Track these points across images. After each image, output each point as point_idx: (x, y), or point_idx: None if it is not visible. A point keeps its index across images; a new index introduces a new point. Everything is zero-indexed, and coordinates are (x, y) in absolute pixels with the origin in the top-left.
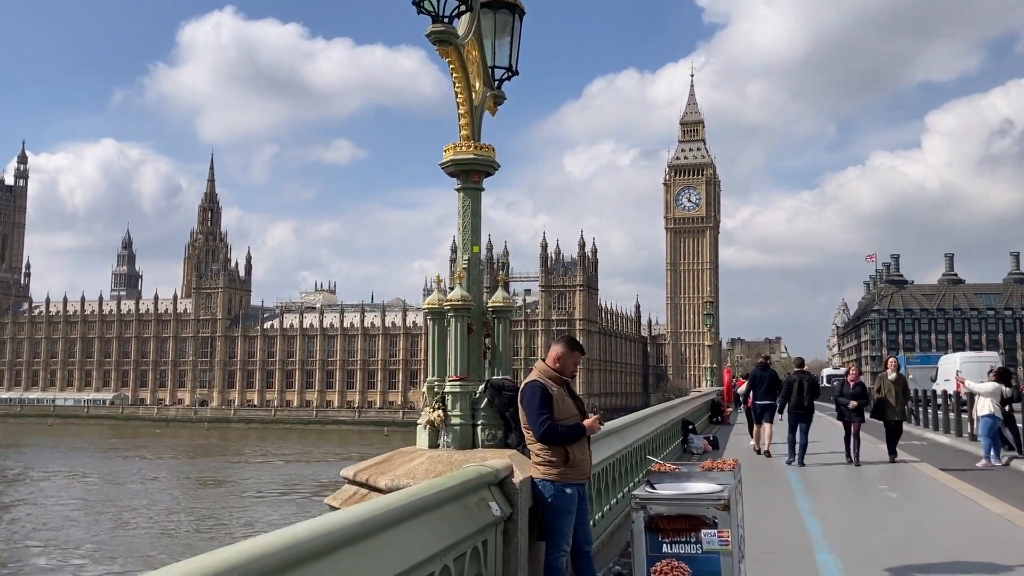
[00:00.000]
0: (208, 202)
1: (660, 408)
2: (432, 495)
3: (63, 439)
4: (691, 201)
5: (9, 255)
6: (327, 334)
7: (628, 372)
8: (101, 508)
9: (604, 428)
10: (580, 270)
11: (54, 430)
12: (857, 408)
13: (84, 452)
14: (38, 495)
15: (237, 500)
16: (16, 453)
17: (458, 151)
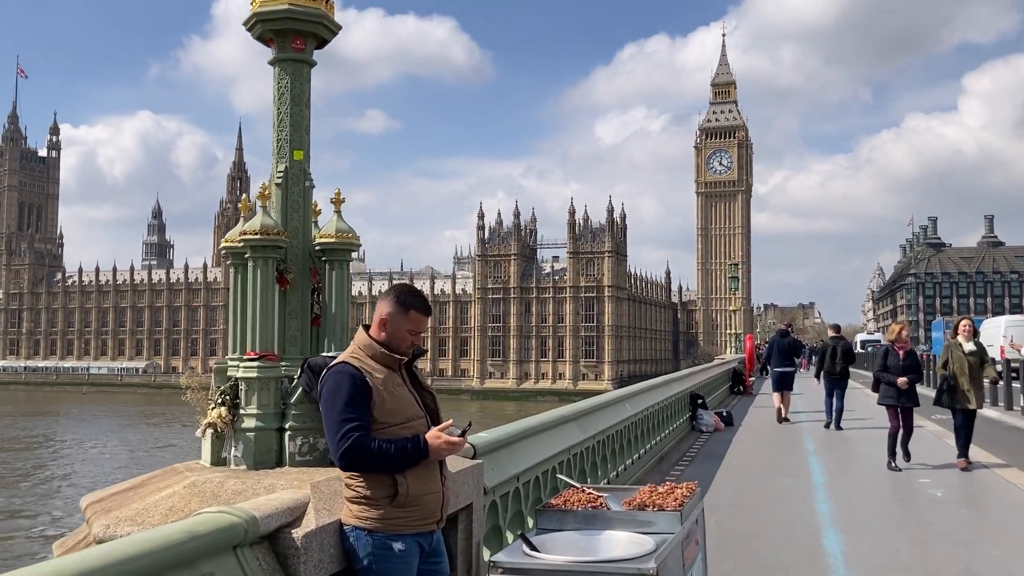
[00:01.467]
0: (237, 171)
1: (655, 383)
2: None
3: (100, 407)
4: (722, 164)
5: (43, 226)
6: (356, 302)
7: (658, 339)
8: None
9: (561, 412)
10: (608, 236)
11: (88, 398)
12: (910, 388)
13: (119, 421)
14: (76, 461)
15: None
16: (53, 421)
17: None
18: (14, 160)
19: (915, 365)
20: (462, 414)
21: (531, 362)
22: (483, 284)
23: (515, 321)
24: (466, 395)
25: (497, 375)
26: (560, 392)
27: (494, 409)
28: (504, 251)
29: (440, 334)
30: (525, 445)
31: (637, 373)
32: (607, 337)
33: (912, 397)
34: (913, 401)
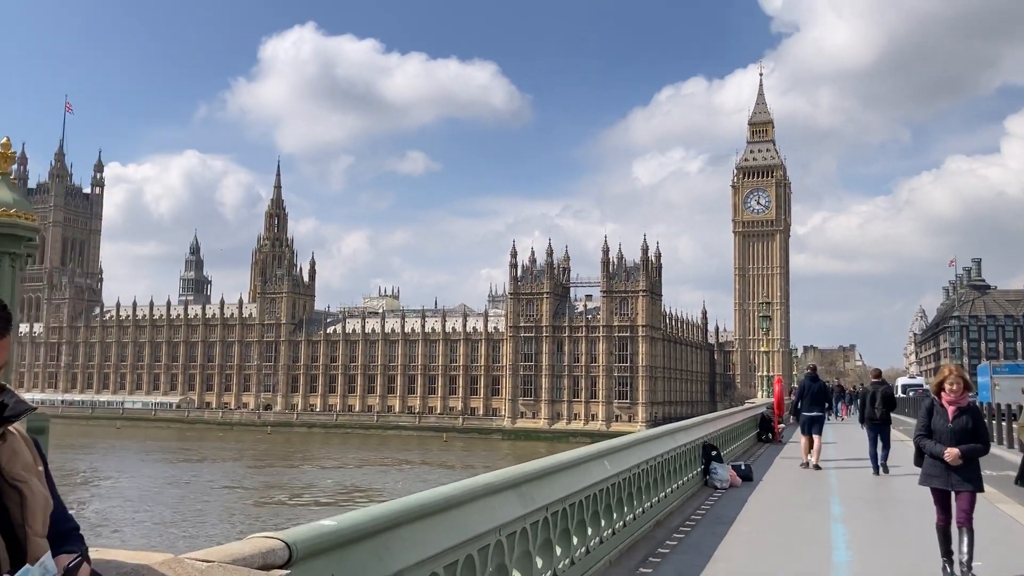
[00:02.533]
0: (275, 208)
1: (654, 433)
2: None
3: (130, 441)
4: (760, 204)
5: (85, 261)
6: (388, 339)
7: (694, 380)
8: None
9: (494, 478)
10: (643, 274)
11: (121, 432)
12: (970, 463)
13: (143, 456)
14: (107, 494)
15: (289, 510)
16: (87, 455)
17: None
18: (59, 196)
19: (976, 428)
20: (494, 454)
21: (563, 402)
22: (515, 322)
23: (547, 360)
24: (497, 435)
25: (529, 415)
26: (593, 433)
27: (525, 450)
28: (537, 289)
29: (472, 372)
30: (417, 530)
31: (672, 415)
32: (641, 378)
33: (971, 476)
34: (973, 483)
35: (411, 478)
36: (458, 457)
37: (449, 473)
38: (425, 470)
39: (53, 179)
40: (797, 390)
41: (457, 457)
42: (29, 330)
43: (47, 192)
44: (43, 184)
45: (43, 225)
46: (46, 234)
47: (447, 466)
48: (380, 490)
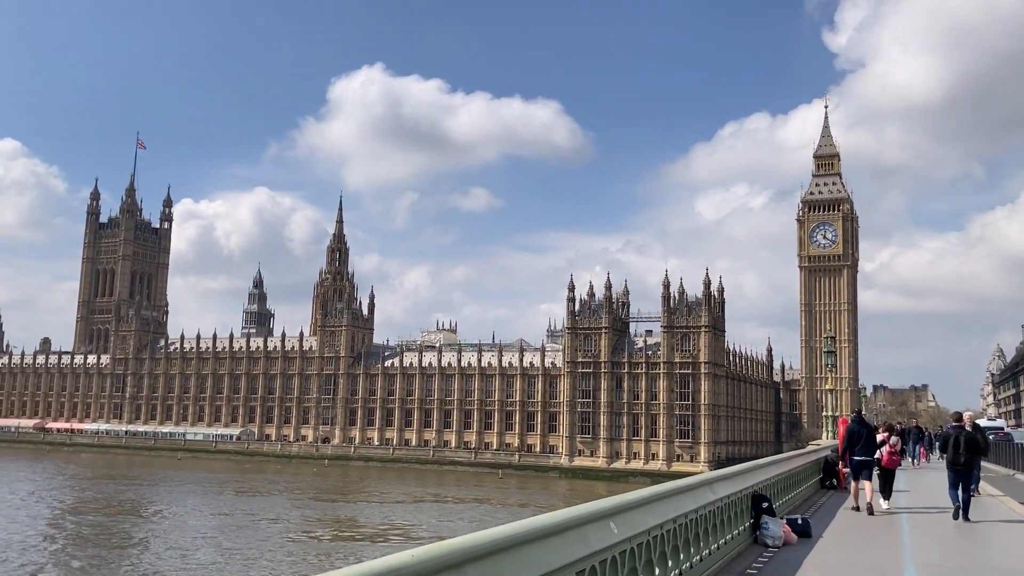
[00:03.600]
0: (337, 243)
1: (684, 485)
2: None
3: (190, 473)
4: (826, 238)
5: (153, 294)
6: (445, 373)
7: (759, 419)
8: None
9: (433, 552)
10: (705, 310)
11: (182, 463)
12: None
13: (201, 488)
14: (167, 531)
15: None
16: (140, 486)
17: None
18: (129, 231)
19: None
20: (550, 494)
21: (622, 440)
22: (573, 357)
23: (606, 397)
24: (554, 473)
25: (587, 453)
26: (653, 473)
27: (583, 489)
28: (595, 324)
29: (529, 408)
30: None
31: (736, 455)
32: (703, 416)
33: None
34: None
35: (468, 516)
36: (515, 495)
37: (506, 512)
38: (484, 510)
39: (123, 214)
40: (845, 434)
41: (514, 495)
42: (97, 361)
43: (118, 227)
44: (114, 219)
45: (113, 259)
46: (116, 267)
47: (504, 504)
48: (433, 528)
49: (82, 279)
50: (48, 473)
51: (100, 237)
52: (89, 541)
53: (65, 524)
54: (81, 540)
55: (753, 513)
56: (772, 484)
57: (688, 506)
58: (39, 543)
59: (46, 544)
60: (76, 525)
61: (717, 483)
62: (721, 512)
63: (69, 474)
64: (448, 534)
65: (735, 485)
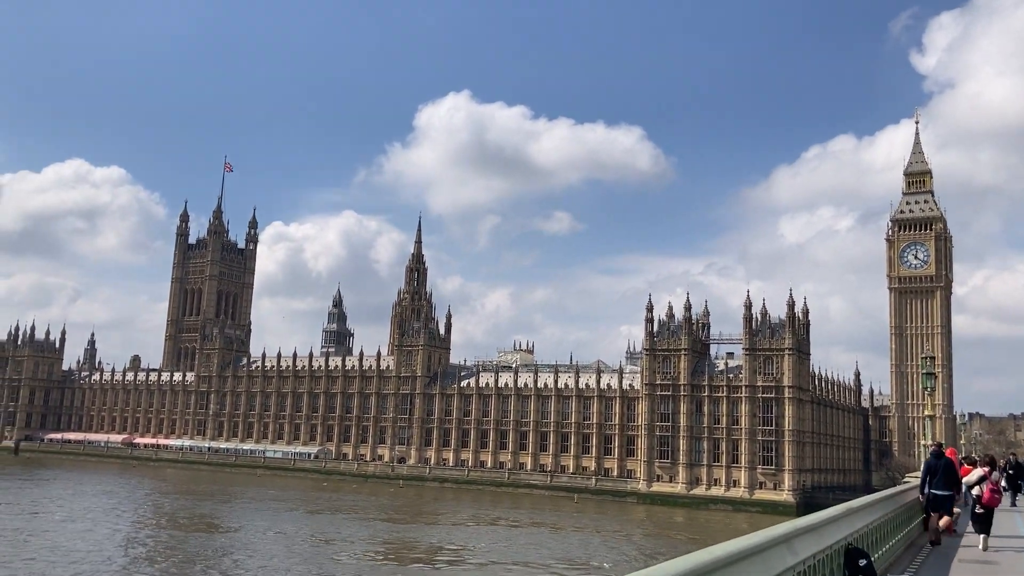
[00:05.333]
0: (415, 263)
1: (741, 549)
2: None
3: (269, 490)
4: (918, 259)
5: (238, 313)
6: (521, 394)
7: (847, 447)
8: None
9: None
10: (789, 332)
11: (261, 480)
12: None
13: (290, 508)
14: (239, 548)
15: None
16: (218, 503)
17: None
18: (216, 251)
19: None
20: (628, 519)
21: (703, 466)
22: (651, 380)
23: (685, 421)
24: (632, 498)
25: (666, 478)
26: (735, 501)
27: (661, 516)
28: (674, 345)
29: (606, 431)
30: None
31: (822, 484)
32: (787, 443)
33: None
34: None
35: (556, 543)
36: (593, 521)
37: (590, 541)
38: (563, 537)
39: (211, 235)
40: (923, 468)
41: (592, 521)
42: (182, 378)
43: (205, 247)
44: (202, 240)
45: (200, 279)
46: (203, 287)
47: (581, 529)
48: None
49: (171, 299)
50: (131, 487)
51: (188, 258)
52: (164, 555)
53: (142, 538)
54: (156, 554)
55: (847, 572)
56: (870, 532)
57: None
58: (116, 556)
59: (121, 557)
60: (154, 539)
61: (798, 538)
62: (808, 572)
63: (152, 488)
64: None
65: (822, 539)
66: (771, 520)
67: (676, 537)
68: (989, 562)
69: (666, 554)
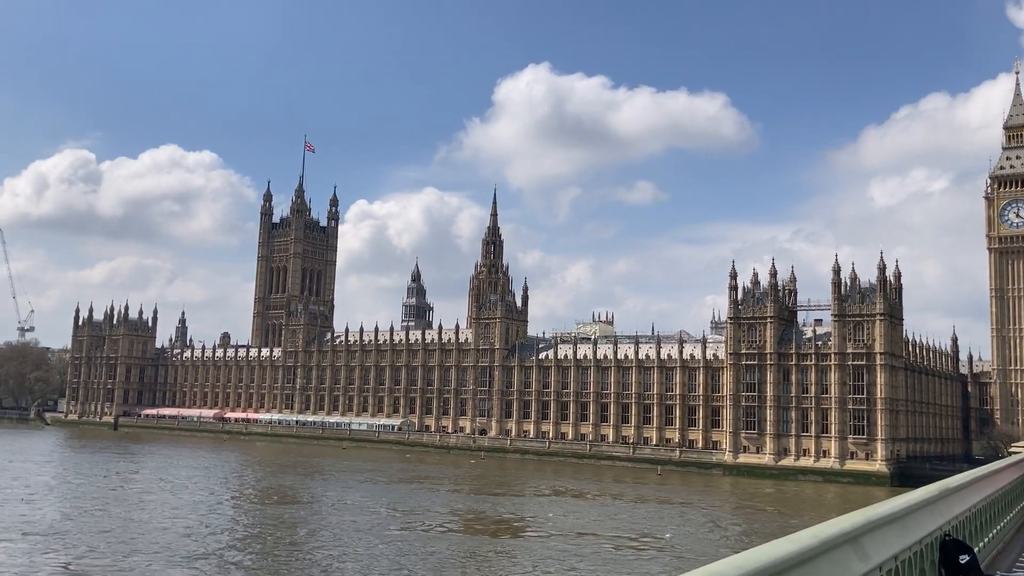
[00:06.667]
0: (491, 236)
1: (801, 549)
2: None
3: (356, 462)
4: (1020, 216)
5: (322, 289)
6: (600, 366)
7: (944, 415)
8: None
9: None
10: (880, 297)
11: (348, 453)
12: None
13: (373, 480)
14: (324, 521)
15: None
16: (302, 478)
17: None
18: (299, 230)
19: None
20: (713, 492)
21: (791, 436)
22: (736, 349)
23: (772, 390)
24: (717, 470)
25: (752, 449)
26: (825, 472)
27: (748, 488)
28: (759, 313)
29: (690, 402)
30: None
31: (919, 453)
32: (880, 411)
33: None
34: None
35: (648, 517)
36: (675, 494)
37: (679, 513)
38: (653, 509)
39: (294, 214)
40: None
41: (674, 494)
42: (270, 354)
43: (289, 226)
44: (285, 219)
45: (284, 257)
46: (287, 265)
47: (664, 502)
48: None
49: (258, 277)
50: (222, 460)
51: (273, 237)
52: (243, 525)
53: (224, 509)
54: (236, 525)
55: (944, 569)
56: (972, 517)
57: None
58: (195, 526)
59: (212, 532)
60: (235, 510)
61: (871, 533)
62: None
63: (242, 461)
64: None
65: (908, 532)
66: (863, 491)
67: (764, 509)
68: None
69: (742, 528)
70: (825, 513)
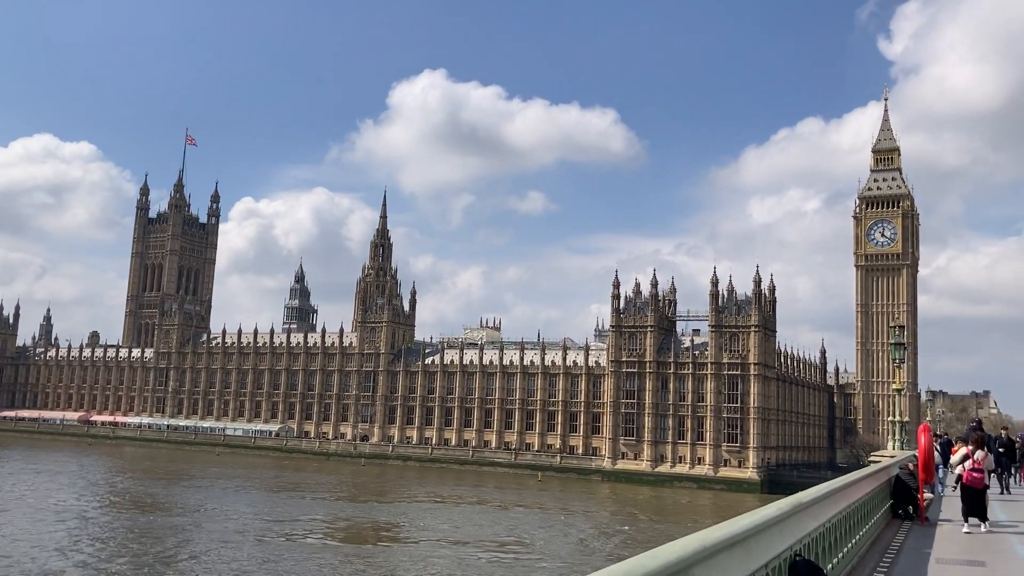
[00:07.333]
0: (380, 238)
1: None
2: None
3: (228, 469)
4: (885, 236)
5: (200, 289)
6: (486, 371)
7: (811, 424)
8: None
9: None
10: (755, 309)
11: (221, 459)
12: None
13: (248, 487)
14: (195, 529)
15: None
16: (168, 485)
17: None
18: (177, 226)
19: None
20: (592, 498)
21: (667, 443)
22: (617, 356)
23: (650, 398)
24: (597, 476)
25: (630, 456)
26: (699, 478)
27: (625, 494)
28: (640, 322)
29: (572, 408)
30: None
31: (787, 461)
32: (752, 420)
33: None
34: None
35: (524, 524)
36: (554, 500)
37: (550, 518)
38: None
39: (171, 209)
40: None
41: (553, 500)
42: (141, 355)
43: (166, 222)
44: (163, 214)
45: (160, 254)
46: (163, 262)
47: (544, 508)
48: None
49: (131, 274)
50: (85, 466)
51: (149, 233)
52: (109, 535)
53: (87, 517)
54: (101, 534)
55: None
56: (826, 533)
57: None
58: (58, 535)
59: (64, 537)
60: (100, 519)
61: (703, 564)
62: None
63: (107, 467)
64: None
65: (751, 558)
66: (735, 498)
67: (638, 515)
68: (974, 563)
69: (615, 535)
70: (698, 519)
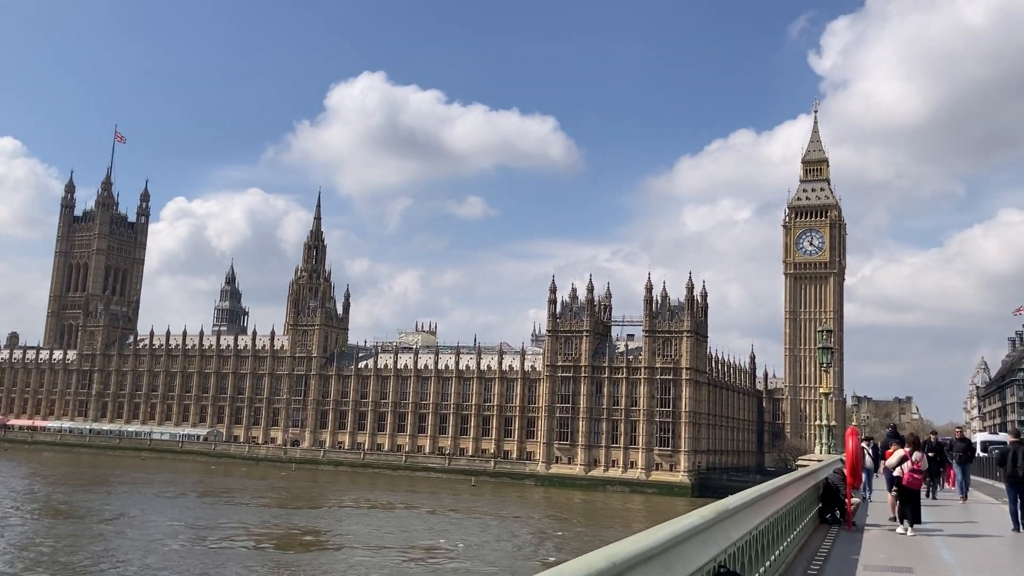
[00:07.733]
0: (313, 240)
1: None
2: None
3: (152, 474)
4: (813, 245)
5: (128, 289)
6: (421, 376)
7: (741, 428)
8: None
9: None
10: (688, 315)
11: (146, 464)
12: None
13: (174, 493)
14: (117, 538)
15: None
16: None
17: None
18: (104, 224)
19: None
20: (523, 503)
21: (601, 447)
22: (553, 361)
23: (585, 402)
24: (530, 480)
25: (564, 460)
26: (632, 482)
27: (558, 498)
28: (576, 327)
29: (507, 413)
30: None
31: (717, 465)
32: (684, 424)
33: None
34: None
35: (454, 530)
36: (487, 504)
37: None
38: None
39: (98, 207)
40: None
41: (486, 504)
42: (63, 356)
43: (92, 220)
44: (89, 212)
45: (86, 253)
46: (89, 262)
47: (475, 513)
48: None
49: (55, 273)
50: (2, 472)
51: (74, 231)
52: (25, 546)
53: (15, 526)
54: (15, 545)
55: None
56: (752, 542)
57: None
58: None
59: None
60: (14, 528)
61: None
62: None
63: (22, 473)
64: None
65: (670, 572)
66: (667, 502)
67: (570, 520)
68: (901, 569)
69: (544, 539)
70: (629, 523)
